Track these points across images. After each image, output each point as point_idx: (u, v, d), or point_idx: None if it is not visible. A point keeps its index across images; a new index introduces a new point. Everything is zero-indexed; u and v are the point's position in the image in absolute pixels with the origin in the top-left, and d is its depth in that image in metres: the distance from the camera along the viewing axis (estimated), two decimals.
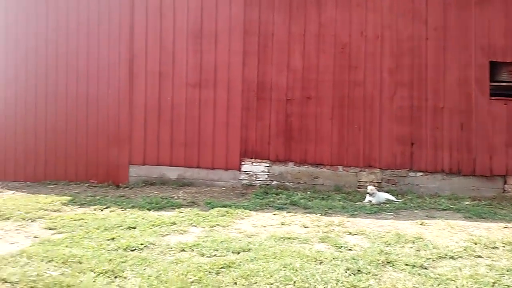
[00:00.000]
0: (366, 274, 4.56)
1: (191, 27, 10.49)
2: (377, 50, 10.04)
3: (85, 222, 6.67)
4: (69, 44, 10.87)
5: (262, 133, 10.18)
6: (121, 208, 7.79)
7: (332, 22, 10.11)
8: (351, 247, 5.55)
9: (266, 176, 10.14)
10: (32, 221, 6.88)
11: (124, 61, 10.68)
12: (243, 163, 10.23)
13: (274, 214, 7.46)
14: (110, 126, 10.71)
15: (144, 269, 4.60)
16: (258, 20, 10.29)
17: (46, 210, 7.64)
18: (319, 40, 10.13)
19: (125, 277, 4.35)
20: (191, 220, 6.87)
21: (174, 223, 6.64)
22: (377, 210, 7.88)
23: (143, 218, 6.91)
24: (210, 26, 10.41)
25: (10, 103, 11.08)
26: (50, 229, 6.41)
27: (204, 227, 6.48)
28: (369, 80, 10.01)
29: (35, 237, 5.99)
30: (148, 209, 7.66)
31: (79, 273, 4.42)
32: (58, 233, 6.15)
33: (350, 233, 6.27)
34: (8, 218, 7.00)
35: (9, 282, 4.17)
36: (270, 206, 8.09)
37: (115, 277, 4.35)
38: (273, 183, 10.09)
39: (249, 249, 5.31)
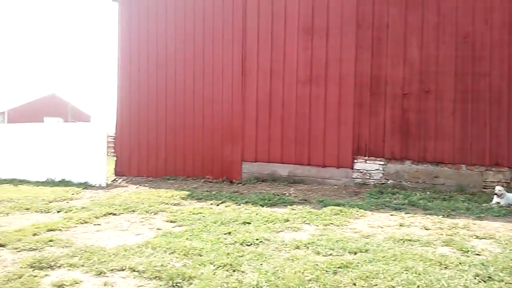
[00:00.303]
0: (499, 282, 4.13)
1: (301, 25, 10.45)
2: (504, 38, 9.18)
3: (203, 216, 6.91)
4: (186, 45, 11.42)
5: (376, 129, 9.82)
6: (236, 203, 7.98)
7: (453, 11, 9.44)
8: (479, 252, 5.08)
9: (381, 175, 9.76)
10: (154, 214, 7.28)
11: (237, 61, 10.96)
12: (355, 161, 9.95)
13: (391, 215, 7.13)
14: (224, 124, 11.06)
15: (261, 264, 4.62)
16: (372, 13, 9.93)
17: (167, 204, 8.07)
18: (439, 30, 9.51)
19: (243, 271, 4.39)
20: (304, 217, 6.81)
21: (287, 220, 6.63)
22: (506, 213, 7.19)
23: (256, 214, 7.00)
24: (321, 22, 10.28)
25: (134, 104, 11.92)
26: (171, 221, 6.74)
27: (317, 225, 6.38)
28: (496, 71, 9.19)
29: (157, 229, 6.32)
30: (261, 205, 7.75)
31: (199, 265, 4.56)
32: (179, 226, 6.44)
33: (477, 236, 5.77)
34: (133, 211, 7.49)
35: (137, 271, 4.42)
36: (386, 206, 7.75)
37: (234, 271, 4.41)
38: (388, 182, 9.68)
39: (366, 250, 5.10)
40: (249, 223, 6.41)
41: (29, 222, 6.74)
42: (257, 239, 5.51)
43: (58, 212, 7.48)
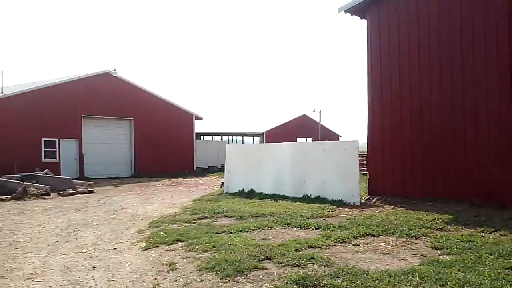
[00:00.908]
0: None
1: None
2: None
3: (474, 245, 6.01)
4: (441, 57, 10.48)
5: None
6: None
7: None
8: None
9: None
10: (416, 238, 6.69)
11: (503, 64, 9.47)
12: None
13: None
14: (490, 140, 9.63)
15: None
16: None
17: (428, 228, 7.35)
18: None
19: None
20: None
21: None
22: None
23: None
24: None
25: (386, 123, 11.53)
26: (436, 248, 6.06)
27: None
28: None
29: (422, 255, 5.74)
30: None
31: None
32: (446, 254, 5.71)
33: None
34: (392, 233, 7.05)
35: None
36: None
37: None
38: None
39: None
40: None
41: (290, 236, 6.97)
42: None
43: (316, 228, 7.59)
